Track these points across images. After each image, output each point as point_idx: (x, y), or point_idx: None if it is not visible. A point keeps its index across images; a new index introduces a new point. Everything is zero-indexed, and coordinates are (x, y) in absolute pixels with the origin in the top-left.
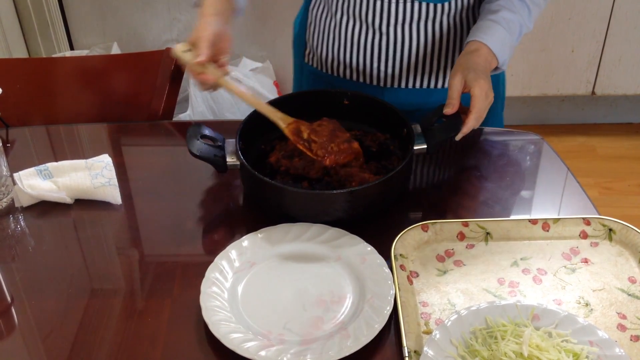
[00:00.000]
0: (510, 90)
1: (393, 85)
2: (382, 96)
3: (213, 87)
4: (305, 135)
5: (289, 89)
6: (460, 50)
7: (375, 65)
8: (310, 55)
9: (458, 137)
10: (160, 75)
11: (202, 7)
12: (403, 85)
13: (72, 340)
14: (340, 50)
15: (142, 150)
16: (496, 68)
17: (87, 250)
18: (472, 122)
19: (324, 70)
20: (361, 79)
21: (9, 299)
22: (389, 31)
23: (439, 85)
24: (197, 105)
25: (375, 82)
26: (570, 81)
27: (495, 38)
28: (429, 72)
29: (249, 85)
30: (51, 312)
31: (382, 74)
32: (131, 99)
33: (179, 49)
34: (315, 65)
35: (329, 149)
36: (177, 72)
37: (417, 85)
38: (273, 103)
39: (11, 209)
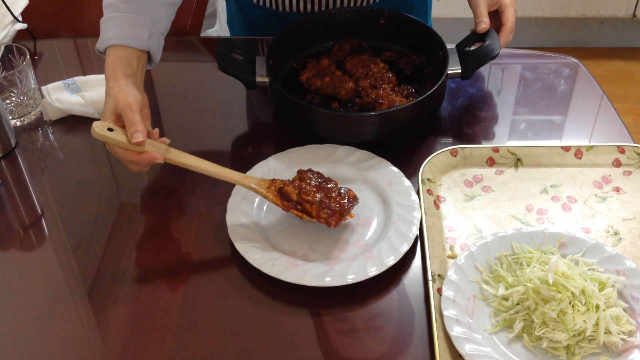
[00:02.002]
0: (548, 11)
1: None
2: None
3: (149, 166)
4: (294, 197)
5: None
6: None
7: None
8: None
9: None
10: None
11: (111, 62)
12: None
13: (101, 252)
14: None
15: (169, 66)
16: None
17: (115, 164)
18: (506, 37)
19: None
20: (273, 6)
21: (39, 210)
22: None
23: None
24: (225, 20)
25: (287, 10)
26: (610, 2)
27: None
28: None
29: None
30: (80, 225)
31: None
32: None
33: (100, 129)
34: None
35: (331, 207)
36: None
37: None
38: (305, 21)
39: (40, 122)
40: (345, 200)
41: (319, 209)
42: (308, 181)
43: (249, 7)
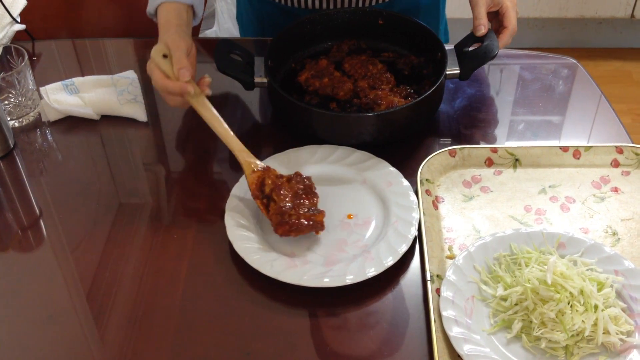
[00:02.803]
0: (547, 12)
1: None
2: None
3: (183, 104)
4: (267, 190)
5: None
6: None
7: None
8: None
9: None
10: None
11: (163, 16)
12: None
13: (99, 254)
14: None
15: None
16: None
17: (114, 165)
18: (507, 39)
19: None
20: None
21: (37, 211)
22: None
23: None
24: (223, 21)
25: (296, 5)
26: (609, 3)
27: None
28: None
29: None
30: (79, 226)
31: None
32: None
33: (156, 52)
34: None
35: (285, 218)
36: None
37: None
38: (303, 22)
39: (38, 124)
40: (306, 223)
41: (276, 212)
42: (294, 184)
43: (260, 3)
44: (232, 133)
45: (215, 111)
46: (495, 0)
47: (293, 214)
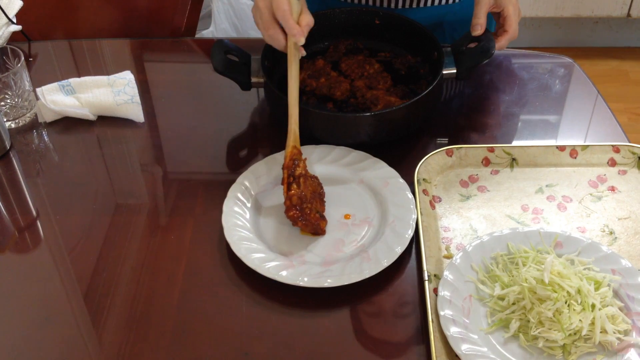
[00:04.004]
0: (543, 11)
1: (405, 6)
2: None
3: (280, 46)
4: (297, 172)
5: None
6: None
7: None
8: None
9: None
10: None
11: None
12: (417, 4)
13: (97, 255)
14: None
15: (165, 67)
16: None
17: (111, 166)
18: (504, 43)
19: None
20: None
21: (34, 213)
22: None
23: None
24: (220, 21)
25: (371, 2)
26: (605, 2)
27: None
28: None
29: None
30: (76, 227)
31: None
32: (153, 14)
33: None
34: None
35: (302, 207)
36: None
37: (435, 1)
38: None
39: (35, 124)
40: (314, 222)
41: (298, 196)
42: (316, 186)
43: None
44: (297, 101)
45: (298, 72)
46: (499, 2)
47: (311, 207)
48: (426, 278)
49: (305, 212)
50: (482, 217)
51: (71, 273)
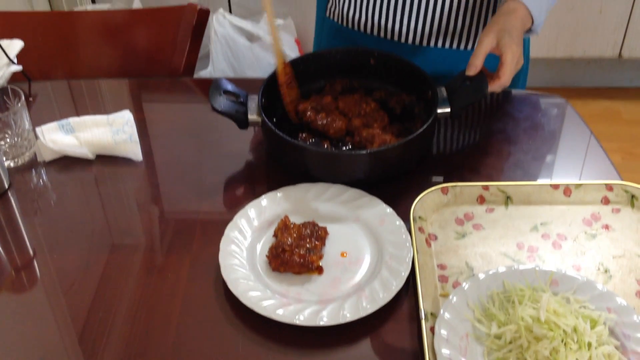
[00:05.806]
0: (535, 52)
1: (415, 43)
2: (405, 55)
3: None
4: (304, 117)
5: (310, 47)
6: (494, 9)
7: (398, 20)
8: (332, 9)
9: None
10: (182, 30)
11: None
12: (427, 43)
13: (92, 294)
14: (363, 3)
15: (163, 107)
16: (529, 30)
17: (108, 205)
18: (494, 87)
19: (345, 25)
20: (382, 35)
21: (31, 252)
22: None
23: (469, 46)
24: (218, 62)
25: (396, 39)
26: (597, 43)
27: None
28: (459, 32)
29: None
30: (72, 266)
31: (404, 30)
32: (152, 55)
33: None
34: (336, 19)
35: (279, 253)
36: (198, 27)
37: (446, 45)
38: (296, 61)
39: (34, 163)
40: (298, 260)
41: (275, 246)
42: (302, 228)
43: (350, 32)
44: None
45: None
46: (501, 46)
47: (292, 250)
48: (423, 317)
49: (285, 258)
50: (478, 255)
51: (66, 313)
